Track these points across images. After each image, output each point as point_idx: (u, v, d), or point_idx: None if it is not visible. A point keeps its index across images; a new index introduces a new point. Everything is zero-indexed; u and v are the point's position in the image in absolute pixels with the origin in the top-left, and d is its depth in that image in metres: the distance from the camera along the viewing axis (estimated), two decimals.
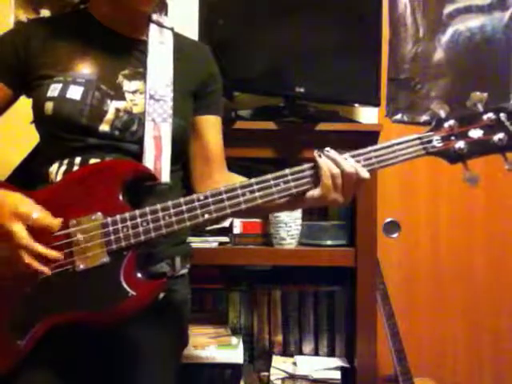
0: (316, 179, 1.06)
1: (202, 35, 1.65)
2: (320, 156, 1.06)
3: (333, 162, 1.05)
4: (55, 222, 1.01)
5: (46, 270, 0.98)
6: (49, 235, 1.01)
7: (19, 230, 0.96)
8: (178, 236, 1.20)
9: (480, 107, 1.04)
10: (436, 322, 2.19)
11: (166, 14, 1.93)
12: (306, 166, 1.07)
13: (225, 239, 1.78)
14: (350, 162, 1.05)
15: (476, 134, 1.04)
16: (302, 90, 1.68)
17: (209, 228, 1.77)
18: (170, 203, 1.03)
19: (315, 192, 1.06)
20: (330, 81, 1.74)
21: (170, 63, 1.20)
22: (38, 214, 0.99)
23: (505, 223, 2.20)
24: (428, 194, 2.19)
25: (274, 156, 1.70)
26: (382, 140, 1.62)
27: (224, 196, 1.04)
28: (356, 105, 1.98)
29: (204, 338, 1.76)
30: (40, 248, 0.97)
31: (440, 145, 1.05)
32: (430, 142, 1.05)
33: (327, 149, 1.06)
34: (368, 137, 1.64)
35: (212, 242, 1.77)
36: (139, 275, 1.03)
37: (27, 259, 0.97)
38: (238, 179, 1.22)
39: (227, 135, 1.34)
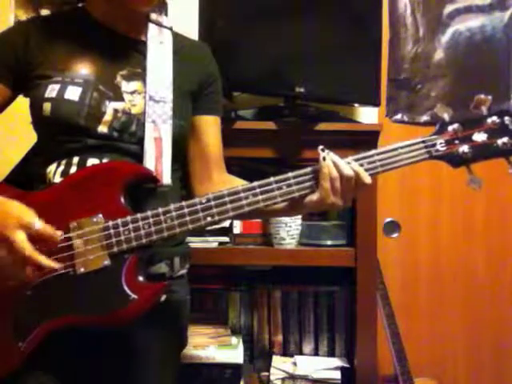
0: (316, 183, 1.06)
1: (202, 35, 1.65)
2: (324, 159, 1.05)
3: (334, 165, 1.05)
4: (57, 234, 1.00)
5: (36, 278, 0.99)
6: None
7: (22, 241, 0.95)
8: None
9: (484, 110, 1.03)
10: (436, 321, 2.19)
11: (166, 14, 1.93)
12: (308, 169, 1.07)
13: (225, 239, 1.78)
14: (353, 166, 1.05)
15: (480, 137, 1.03)
16: (301, 90, 1.67)
17: (209, 228, 1.77)
18: (171, 206, 1.03)
19: (314, 196, 1.06)
20: (330, 81, 1.74)
21: (170, 63, 1.19)
22: (41, 224, 0.98)
23: (505, 223, 2.20)
24: (428, 193, 2.19)
25: (274, 156, 1.70)
26: (382, 140, 1.62)
27: (227, 199, 1.04)
28: (356, 105, 1.97)
29: (204, 337, 1.76)
30: (40, 258, 0.96)
31: (444, 148, 1.04)
32: (433, 145, 1.04)
33: (327, 151, 1.06)
34: (368, 137, 1.64)
35: (212, 242, 1.76)
36: (141, 278, 1.03)
37: (28, 270, 0.96)
38: (237, 181, 1.22)
39: (227, 135, 1.33)
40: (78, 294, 1.01)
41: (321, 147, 1.07)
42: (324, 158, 1.05)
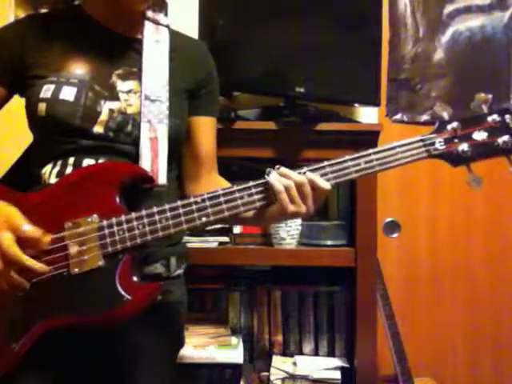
0: (268, 197, 1.03)
1: (202, 35, 1.64)
2: (268, 174, 1.03)
3: (284, 177, 1.02)
4: (45, 239, 0.99)
5: (25, 284, 0.98)
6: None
7: (9, 243, 0.95)
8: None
9: (484, 109, 1.02)
10: (436, 322, 2.19)
11: (166, 14, 1.93)
12: (251, 183, 1.04)
13: (225, 239, 1.78)
14: (308, 175, 1.02)
15: (480, 136, 1.02)
16: (301, 90, 1.67)
17: (209, 228, 1.77)
18: (166, 206, 1.02)
19: (274, 208, 1.04)
20: (330, 81, 1.74)
21: (166, 62, 1.18)
22: (29, 227, 0.97)
23: (504, 223, 2.20)
24: (428, 193, 2.19)
25: (274, 156, 1.70)
26: (382, 140, 1.62)
27: (222, 199, 1.03)
28: (356, 105, 1.97)
29: (204, 337, 1.76)
30: (28, 262, 0.96)
31: (443, 147, 1.03)
32: (432, 144, 1.03)
33: (277, 166, 1.04)
34: (368, 137, 1.64)
35: (212, 242, 1.76)
36: (135, 279, 1.02)
37: (12, 272, 0.95)
38: (224, 183, 1.22)
39: (227, 135, 1.33)
40: (72, 295, 1.00)
41: (268, 170, 1.03)
42: (268, 174, 1.02)
